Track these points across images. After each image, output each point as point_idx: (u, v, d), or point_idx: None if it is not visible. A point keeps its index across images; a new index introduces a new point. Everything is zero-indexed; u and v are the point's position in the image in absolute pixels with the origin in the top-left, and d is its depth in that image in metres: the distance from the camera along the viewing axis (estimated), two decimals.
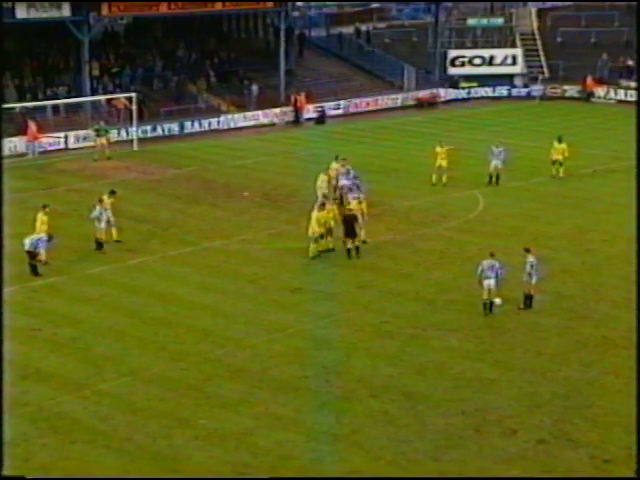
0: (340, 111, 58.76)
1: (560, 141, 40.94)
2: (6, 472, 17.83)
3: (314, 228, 30.24)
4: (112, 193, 32.36)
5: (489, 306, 25.64)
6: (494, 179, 39.28)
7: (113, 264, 29.95)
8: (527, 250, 26.06)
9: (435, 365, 22.76)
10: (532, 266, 25.59)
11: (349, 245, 30.30)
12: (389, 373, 22.31)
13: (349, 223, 30.27)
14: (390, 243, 32.14)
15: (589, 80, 61.95)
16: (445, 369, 22.52)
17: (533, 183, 39.71)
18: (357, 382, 21.82)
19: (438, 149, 39.42)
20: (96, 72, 52.61)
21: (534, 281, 25.64)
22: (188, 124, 52.66)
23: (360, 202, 31.89)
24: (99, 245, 30.90)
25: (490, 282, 25.48)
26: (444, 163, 39.12)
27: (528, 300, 25.83)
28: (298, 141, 50.51)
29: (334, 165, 36.76)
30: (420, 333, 24.70)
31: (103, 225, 31.00)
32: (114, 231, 31.65)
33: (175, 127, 52.16)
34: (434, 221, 34.82)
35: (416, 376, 22.19)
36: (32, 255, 28.77)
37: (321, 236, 30.54)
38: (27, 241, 28.72)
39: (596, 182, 40.39)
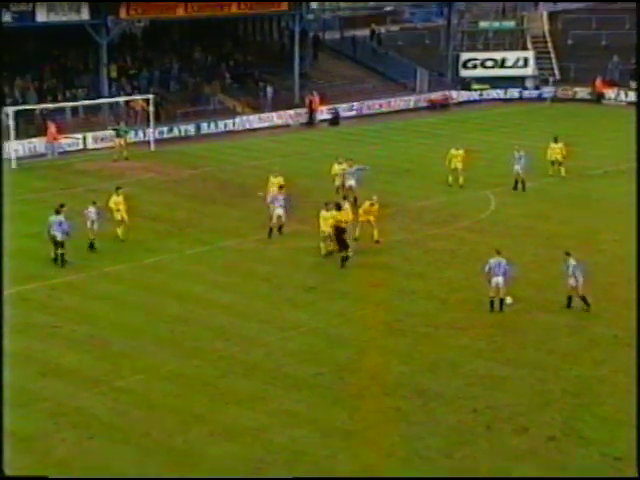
0: (353, 112, 58.75)
1: (556, 141, 40.79)
2: (25, 465, 17.93)
3: (322, 227, 30.23)
4: (118, 189, 32.39)
5: (499, 304, 25.54)
6: (520, 184, 38.65)
7: (130, 263, 30.00)
8: (567, 253, 25.71)
9: (447, 363, 22.70)
10: (574, 268, 25.31)
11: (343, 254, 29.59)
12: (401, 371, 22.26)
13: (338, 235, 29.39)
14: (402, 243, 32.09)
15: (599, 82, 61.76)
16: (457, 367, 22.46)
17: (544, 184, 39.56)
18: (370, 379, 21.79)
19: (453, 151, 39.25)
20: (114, 74, 52.74)
21: (580, 282, 25.40)
22: (204, 125, 52.76)
23: (372, 204, 31.51)
24: (91, 245, 30.85)
25: (498, 280, 25.37)
26: (460, 165, 38.91)
27: (569, 300, 25.63)
28: (312, 142, 50.50)
29: (336, 167, 36.71)
30: (432, 331, 24.65)
31: (96, 226, 30.93)
32: (121, 229, 31.68)
33: (191, 128, 52.25)
34: (446, 221, 34.75)
35: (428, 374, 22.14)
36: (61, 245, 29.10)
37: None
38: (58, 233, 28.90)
39: (606, 183, 40.22)
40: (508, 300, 25.69)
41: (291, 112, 56.33)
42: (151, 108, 48.09)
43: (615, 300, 26.25)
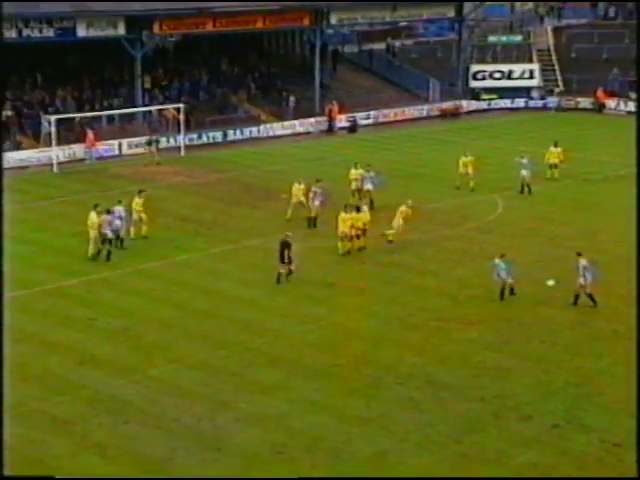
0: (370, 121, 58.64)
1: (556, 145, 40.64)
2: (65, 447, 18.03)
3: (341, 228, 30.26)
4: (140, 192, 32.61)
5: (510, 291, 25.74)
6: (526, 188, 38.49)
7: (161, 260, 30.11)
8: (579, 254, 25.60)
9: (457, 355, 22.66)
10: (585, 268, 25.22)
11: (281, 270, 27.62)
12: (414, 362, 22.24)
13: (282, 249, 27.71)
14: (415, 242, 32.03)
15: (600, 92, 61.41)
16: (466, 359, 22.42)
17: (549, 187, 39.37)
18: (385, 370, 21.78)
19: (463, 158, 39.09)
20: (148, 85, 52.89)
21: (589, 281, 25.29)
22: (230, 132, 52.80)
23: (409, 207, 31.44)
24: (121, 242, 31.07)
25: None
26: (470, 170, 38.73)
27: (576, 298, 25.52)
28: (331, 148, 50.48)
29: (354, 172, 36.69)
30: (443, 325, 24.61)
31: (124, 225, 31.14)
32: (144, 228, 31.93)
33: (219, 135, 52.31)
34: (456, 222, 34.67)
35: (439, 365, 22.11)
36: (109, 242, 29.73)
37: (357, 236, 30.50)
38: (108, 231, 29.66)
39: (607, 187, 40.00)
40: (550, 282, 25.99)
41: (312, 120, 56.30)
42: (181, 116, 48.22)
43: (615, 297, 26.11)
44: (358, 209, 30.76)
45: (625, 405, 19.57)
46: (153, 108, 51.26)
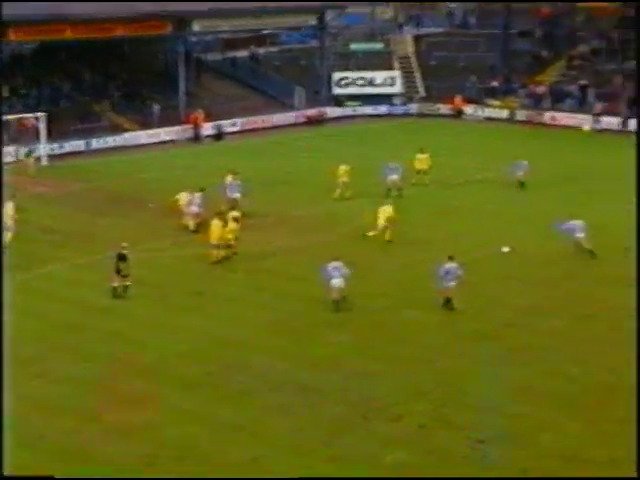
0: (236, 128, 58.58)
1: (422, 152, 41.68)
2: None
3: (213, 235, 30.17)
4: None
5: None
6: (394, 192, 38.99)
7: (24, 272, 29.18)
8: (450, 257, 25.98)
9: (327, 359, 22.88)
10: (448, 272, 25.52)
11: (115, 283, 26.99)
12: (285, 368, 22.34)
13: (118, 261, 27.05)
14: (285, 249, 32.17)
15: (457, 99, 63.23)
16: (336, 363, 22.66)
17: (412, 192, 40.06)
18: (256, 377, 21.79)
19: (342, 167, 39.37)
20: (6, 93, 51.32)
21: (453, 285, 25.61)
22: (94, 141, 51.83)
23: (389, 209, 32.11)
24: None
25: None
26: (346, 179, 39.14)
27: (448, 302, 25.82)
28: (198, 156, 50.18)
29: (229, 179, 36.63)
30: (313, 330, 24.82)
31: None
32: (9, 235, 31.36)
33: (82, 144, 51.23)
34: (326, 228, 34.97)
35: (310, 370, 22.27)
36: None
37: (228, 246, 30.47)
38: None
39: (466, 191, 41.08)
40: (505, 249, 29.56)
41: (177, 128, 55.85)
42: (41, 125, 46.97)
43: (478, 297, 26.89)
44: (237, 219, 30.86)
45: (488, 403, 20.25)
46: (11, 117, 49.66)
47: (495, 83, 65.08)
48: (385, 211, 32.46)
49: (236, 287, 28.40)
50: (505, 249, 30.71)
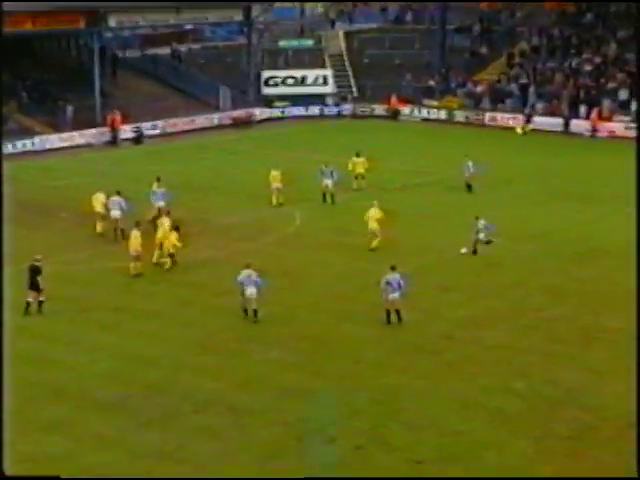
0: (157, 131, 58.25)
1: (358, 155, 41.96)
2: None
3: (133, 247, 29.92)
4: None
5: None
6: (328, 198, 39.35)
7: None
8: (393, 268, 25.94)
9: (257, 377, 22.85)
10: (389, 283, 25.56)
11: (30, 298, 26.70)
12: (213, 388, 22.23)
13: (31, 275, 26.77)
14: (211, 260, 32.06)
15: (393, 99, 63.77)
16: (267, 381, 22.64)
17: (347, 198, 40.24)
18: (181, 399, 21.64)
19: (273, 172, 39.39)
20: None
21: (397, 296, 25.70)
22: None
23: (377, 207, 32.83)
24: None
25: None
26: (278, 184, 39.13)
27: (392, 315, 25.86)
28: (115, 161, 49.76)
29: (154, 186, 36.39)
30: (242, 347, 24.74)
31: None
32: None
33: None
34: (253, 236, 34.96)
35: (239, 389, 22.21)
36: None
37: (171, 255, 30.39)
38: None
39: (404, 196, 41.40)
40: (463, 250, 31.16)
41: (93, 131, 55.29)
42: None
43: (416, 310, 27.09)
44: (177, 228, 30.80)
45: (428, 420, 20.42)
46: None
47: (432, 82, 65.82)
48: (374, 214, 32.71)
49: (159, 302, 28.19)
50: (463, 250, 31.80)
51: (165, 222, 31.40)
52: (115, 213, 34.08)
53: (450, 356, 24.02)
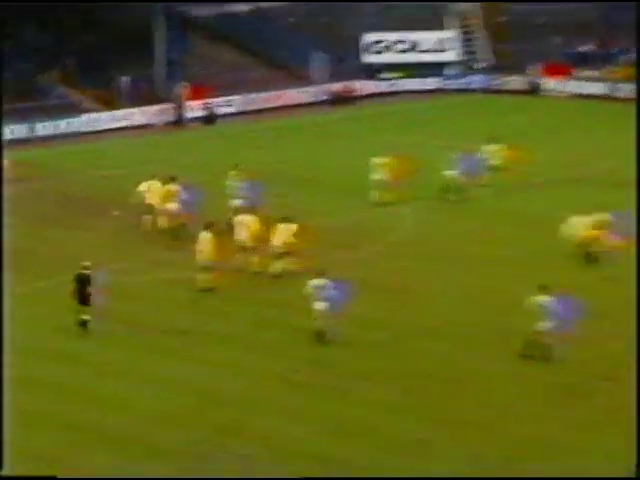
0: (233, 109, 58.90)
1: (492, 141, 41.23)
2: None
3: (204, 253, 30.14)
4: None
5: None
6: (453, 194, 39.49)
7: None
8: (543, 287, 25.28)
9: (356, 424, 22.73)
10: (545, 308, 24.93)
11: (85, 316, 27.49)
12: (298, 434, 22.23)
13: (79, 286, 27.53)
14: (300, 273, 32.08)
15: (538, 68, 63.20)
16: (368, 429, 22.50)
17: (478, 195, 39.88)
18: (259, 444, 21.68)
19: (377, 161, 39.32)
20: None
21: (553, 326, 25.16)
22: (40, 126, 52.13)
23: None
24: None
25: (322, 305, 26.01)
26: (383, 176, 38.93)
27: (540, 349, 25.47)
28: (181, 146, 50.38)
29: (230, 178, 36.78)
30: (338, 384, 24.67)
31: None
32: None
33: (23, 129, 51.54)
34: (355, 243, 34.96)
35: (331, 438, 22.11)
36: None
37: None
38: None
39: (551, 194, 40.84)
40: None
41: (154, 108, 56.11)
42: None
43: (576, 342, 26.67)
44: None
45: None
46: None
47: (588, 47, 65.04)
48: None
49: (233, 324, 28.41)
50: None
51: (248, 220, 31.50)
52: (171, 206, 34.24)
53: (608, 402, 23.57)
